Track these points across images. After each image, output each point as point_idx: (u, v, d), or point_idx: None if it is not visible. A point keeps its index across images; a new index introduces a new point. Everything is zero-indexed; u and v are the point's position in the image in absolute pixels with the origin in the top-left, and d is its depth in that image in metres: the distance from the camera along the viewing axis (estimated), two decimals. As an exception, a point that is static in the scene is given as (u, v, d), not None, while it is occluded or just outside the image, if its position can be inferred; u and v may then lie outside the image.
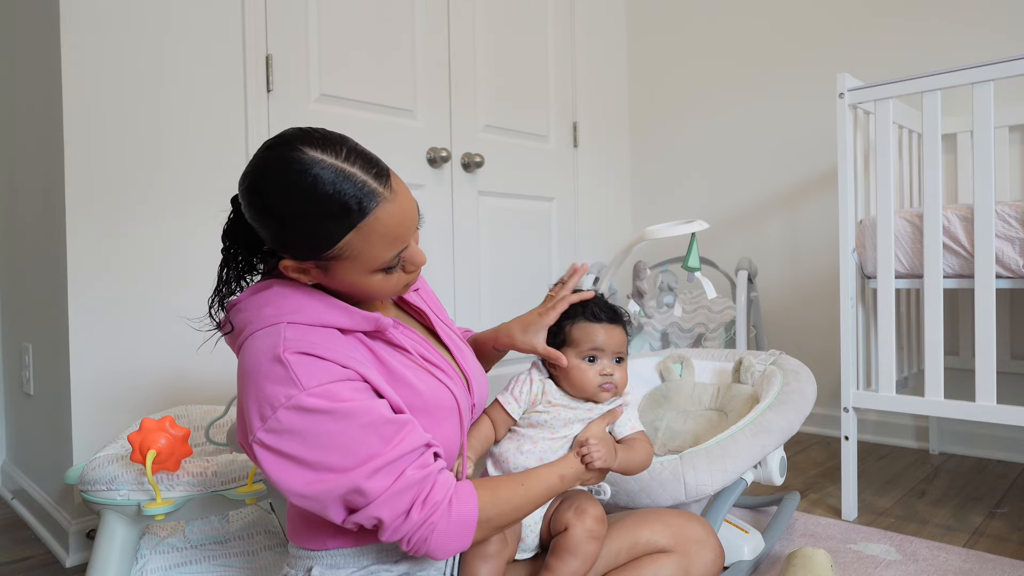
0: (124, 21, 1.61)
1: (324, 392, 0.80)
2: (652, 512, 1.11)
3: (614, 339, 1.07)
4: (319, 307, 0.88)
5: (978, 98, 1.50)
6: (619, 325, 1.09)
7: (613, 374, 1.05)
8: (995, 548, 1.51)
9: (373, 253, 0.85)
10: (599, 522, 0.99)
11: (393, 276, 0.89)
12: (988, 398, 1.51)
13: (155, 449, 1.14)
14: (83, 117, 1.55)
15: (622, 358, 1.08)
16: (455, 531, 0.85)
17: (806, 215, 2.56)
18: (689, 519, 1.09)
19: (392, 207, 0.84)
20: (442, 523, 0.84)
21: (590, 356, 1.06)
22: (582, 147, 2.79)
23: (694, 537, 1.06)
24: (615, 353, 1.07)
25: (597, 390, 1.05)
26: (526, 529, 1.02)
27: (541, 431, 1.04)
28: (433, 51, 2.25)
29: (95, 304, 1.57)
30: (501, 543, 0.97)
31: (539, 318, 1.07)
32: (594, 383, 1.05)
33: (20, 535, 1.73)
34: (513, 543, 1.00)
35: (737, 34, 2.72)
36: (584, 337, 1.06)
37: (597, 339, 1.06)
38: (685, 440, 1.58)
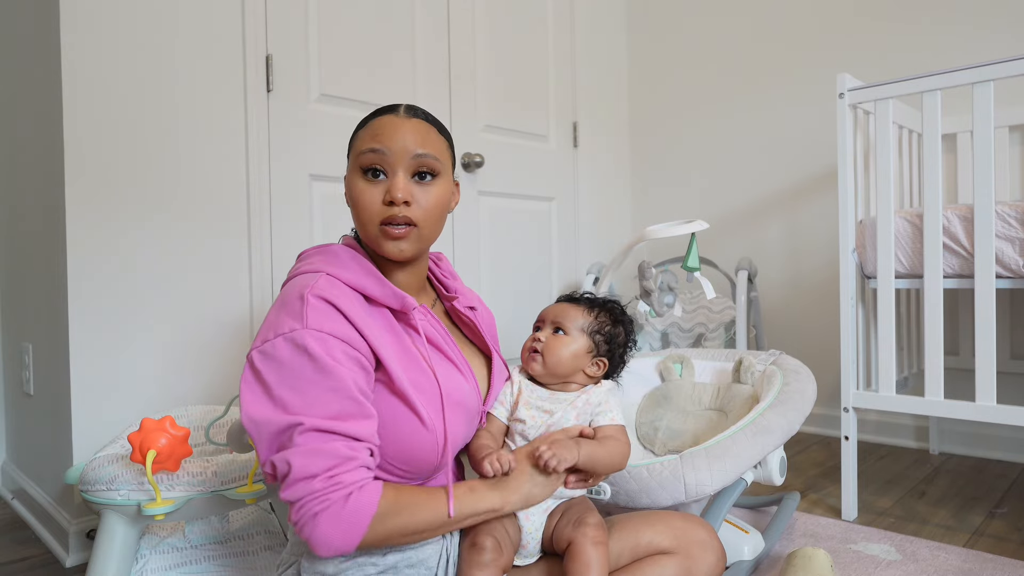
0: (124, 21, 1.61)
1: (322, 339, 0.85)
2: (654, 514, 1.10)
3: (557, 311, 1.11)
4: (359, 271, 0.96)
5: (978, 98, 1.50)
6: (575, 303, 1.13)
7: (541, 340, 1.08)
8: (995, 548, 1.51)
9: (359, 143, 0.97)
10: (599, 528, 0.98)
11: (371, 188, 0.95)
12: (988, 398, 1.51)
13: (155, 449, 1.14)
14: (83, 117, 1.55)
15: (562, 329, 1.09)
16: (346, 518, 0.82)
17: (806, 215, 2.56)
18: (691, 521, 1.08)
19: (394, 119, 0.97)
20: (336, 505, 0.82)
21: (535, 326, 1.13)
22: (582, 147, 2.79)
23: (696, 539, 1.05)
24: (554, 323, 1.10)
25: (525, 357, 1.09)
26: (527, 536, 1.01)
27: (523, 443, 1.03)
28: (433, 51, 2.25)
29: (95, 304, 1.57)
30: (496, 551, 0.94)
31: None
32: (525, 348, 1.10)
33: (20, 535, 1.73)
34: (509, 551, 0.97)
35: (737, 34, 2.72)
36: (545, 316, 1.13)
37: (546, 313, 1.12)
38: (685, 440, 1.58)
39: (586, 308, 1.11)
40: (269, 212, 1.85)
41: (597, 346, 1.10)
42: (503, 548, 0.96)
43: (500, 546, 0.95)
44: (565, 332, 1.08)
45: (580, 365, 1.09)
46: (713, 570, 1.05)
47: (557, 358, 1.07)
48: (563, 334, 1.08)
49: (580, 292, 1.17)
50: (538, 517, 1.02)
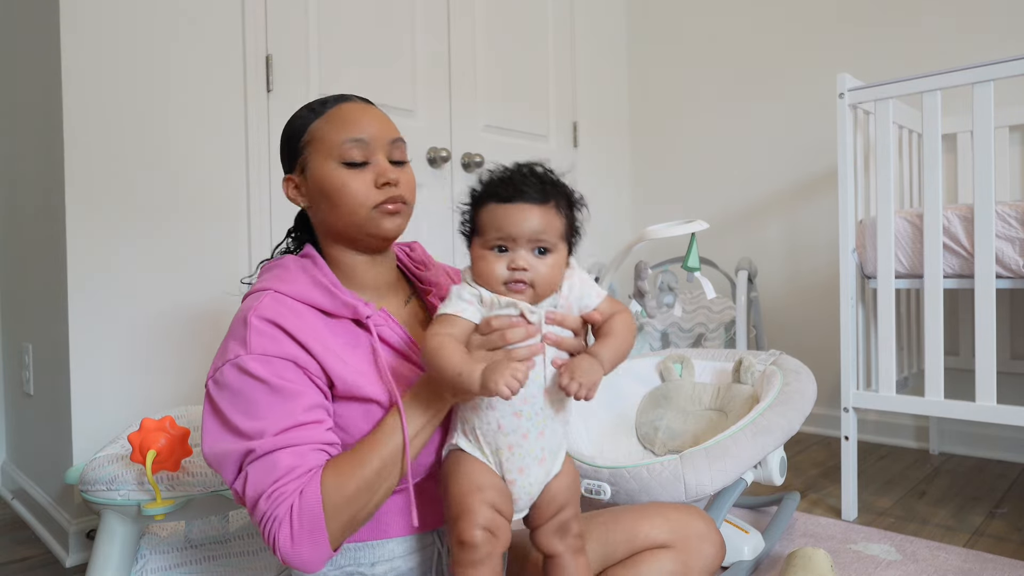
0: (124, 21, 1.61)
1: (266, 361, 0.85)
2: (652, 506, 1.08)
3: (532, 223, 0.85)
4: (307, 284, 0.93)
5: (978, 98, 1.50)
6: (542, 204, 0.87)
7: (526, 268, 0.85)
8: (995, 548, 1.51)
9: (332, 136, 0.93)
10: (581, 537, 0.92)
11: (358, 175, 0.93)
12: (988, 398, 1.51)
13: (155, 449, 1.14)
14: (83, 117, 1.55)
15: (545, 247, 0.86)
16: (303, 526, 0.80)
17: (806, 215, 2.55)
18: (689, 512, 1.06)
19: (357, 105, 0.96)
20: (284, 520, 0.80)
21: (498, 246, 0.86)
22: (582, 147, 2.79)
23: (694, 531, 1.02)
24: (535, 241, 0.86)
25: (504, 288, 0.86)
26: (519, 491, 0.88)
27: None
28: (433, 51, 2.25)
29: (95, 304, 1.57)
30: (490, 542, 0.84)
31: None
32: (498, 278, 0.85)
33: (20, 535, 1.73)
34: (505, 532, 0.86)
35: (737, 34, 2.72)
36: (490, 222, 0.86)
37: (504, 224, 0.85)
38: (685, 440, 1.58)
39: (554, 207, 0.88)
40: (269, 212, 1.85)
41: (571, 248, 0.93)
42: (498, 532, 0.85)
43: (494, 531, 0.84)
44: (549, 250, 0.87)
45: (561, 279, 0.91)
46: (711, 562, 1.02)
47: (551, 283, 0.88)
48: (548, 254, 0.87)
49: (516, 170, 0.90)
50: (535, 472, 0.89)
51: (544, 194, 0.88)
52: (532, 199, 0.87)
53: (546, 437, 0.89)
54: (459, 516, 0.84)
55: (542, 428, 0.88)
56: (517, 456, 0.87)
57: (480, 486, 0.85)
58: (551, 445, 0.90)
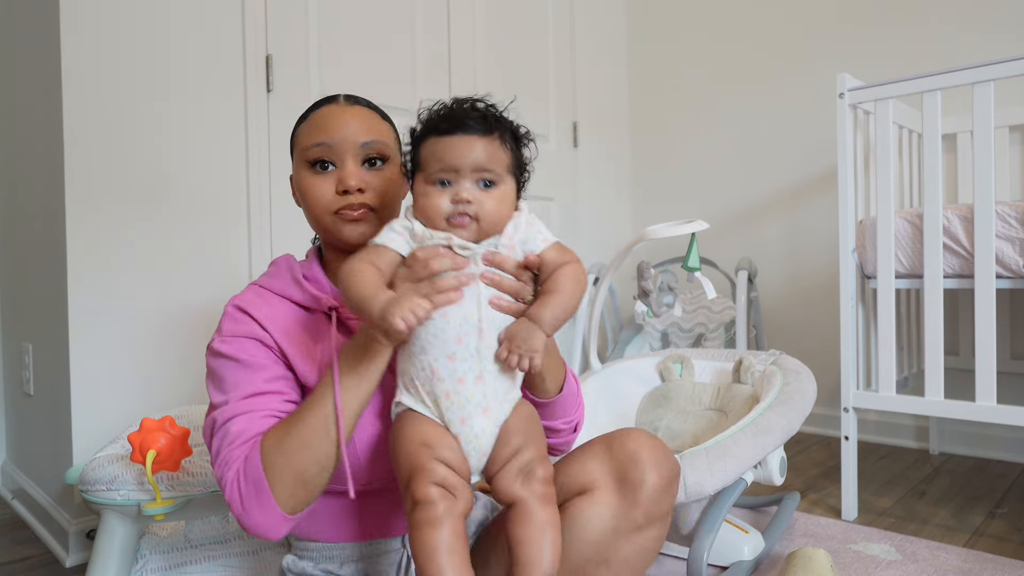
0: (124, 21, 1.61)
1: (232, 341, 0.90)
2: (573, 451, 0.93)
3: (475, 153, 0.81)
4: (287, 279, 0.97)
5: (978, 98, 1.50)
6: (486, 135, 0.83)
7: (470, 200, 0.80)
8: (995, 548, 1.51)
9: (304, 139, 0.95)
10: (549, 483, 0.82)
11: (322, 180, 0.93)
12: (988, 398, 1.51)
13: (155, 449, 1.14)
14: (83, 117, 1.55)
15: (490, 180, 0.82)
16: (252, 489, 0.80)
17: (806, 215, 2.55)
18: (610, 441, 0.89)
19: (334, 108, 0.96)
20: (232, 484, 0.81)
21: (441, 179, 0.82)
22: (582, 147, 2.79)
23: (616, 462, 0.87)
24: (479, 172, 0.82)
25: (447, 224, 0.81)
26: (467, 445, 0.81)
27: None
28: (433, 51, 2.25)
29: (95, 304, 1.57)
30: (447, 498, 0.77)
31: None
32: (441, 212, 0.81)
33: (20, 535, 1.73)
34: (464, 491, 0.79)
35: (737, 34, 2.72)
36: (432, 156, 0.83)
37: (446, 156, 0.81)
38: (685, 440, 1.58)
39: (498, 139, 0.84)
40: (269, 212, 1.85)
41: (519, 184, 0.88)
42: (455, 490, 0.78)
43: (450, 490, 0.78)
44: (495, 183, 0.83)
45: (511, 214, 0.86)
46: (654, 490, 0.86)
47: (497, 218, 0.82)
48: (493, 186, 0.83)
49: (457, 103, 0.86)
50: (479, 421, 0.81)
51: (487, 126, 0.83)
52: (475, 130, 0.82)
53: (486, 382, 0.81)
54: (411, 476, 0.78)
55: (479, 372, 0.81)
56: (456, 404, 0.80)
57: (428, 443, 0.79)
58: (494, 391, 0.82)
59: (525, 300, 0.83)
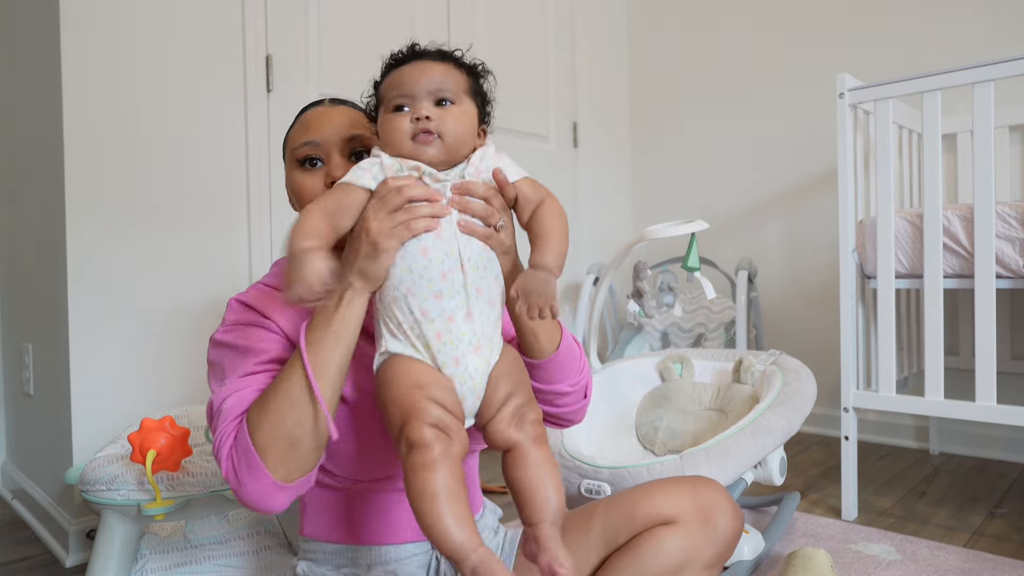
0: (124, 21, 1.61)
1: (231, 329, 0.90)
2: (654, 483, 0.97)
3: (427, 76, 0.82)
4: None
5: (978, 98, 1.50)
6: (440, 61, 0.85)
7: (429, 116, 0.80)
8: (995, 548, 1.51)
9: (293, 141, 0.96)
10: (540, 424, 0.82)
11: (311, 177, 0.94)
12: (988, 398, 1.51)
13: (155, 449, 1.14)
14: (83, 117, 1.55)
15: (448, 99, 0.82)
16: (243, 460, 0.78)
17: (806, 215, 2.56)
18: (695, 483, 0.95)
19: (320, 110, 0.97)
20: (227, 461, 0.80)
21: (398, 105, 0.83)
22: (582, 147, 2.79)
23: (701, 503, 0.92)
24: (435, 93, 0.82)
25: (412, 144, 0.81)
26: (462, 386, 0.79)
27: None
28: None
29: (95, 304, 1.57)
30: (443, 440, 0.75)
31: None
32: (403, 133, 0.81)
33: (20, 535, 1.73)
34: (459, 431, 0.77)
35: (737, 34, 2.72)
36: (389, 86, 0.85)
37: (401, 81, 0.83)
38: (685, 440, 1.58)
39: (453, 64, 0.86)
40: (269, 212, 1.85)
41: (480, 109, 0.87)
42: (450, 431, 0.76)
43: (445, 431, 0.75)
44: (453, 102, 0.83)
45: (474, 138, 0.85)
46: (726, 533, 0.92)
47: (460, 134, 0.82)
48: (452, 104, 0.83)
49: (414, 46, 0.87)
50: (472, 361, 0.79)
51: (442, 55, 0.86)
52: (429, 57, 0.85)
53: (475, 319, 0.80)
54: (405, 419, 0.75)
55: (468, 308, 0.79)
56: (448, 344, 0.78)
57: (420, 383, 0.77)
58: (483, 329, 0.80)
59: (494, 225, 0.82)
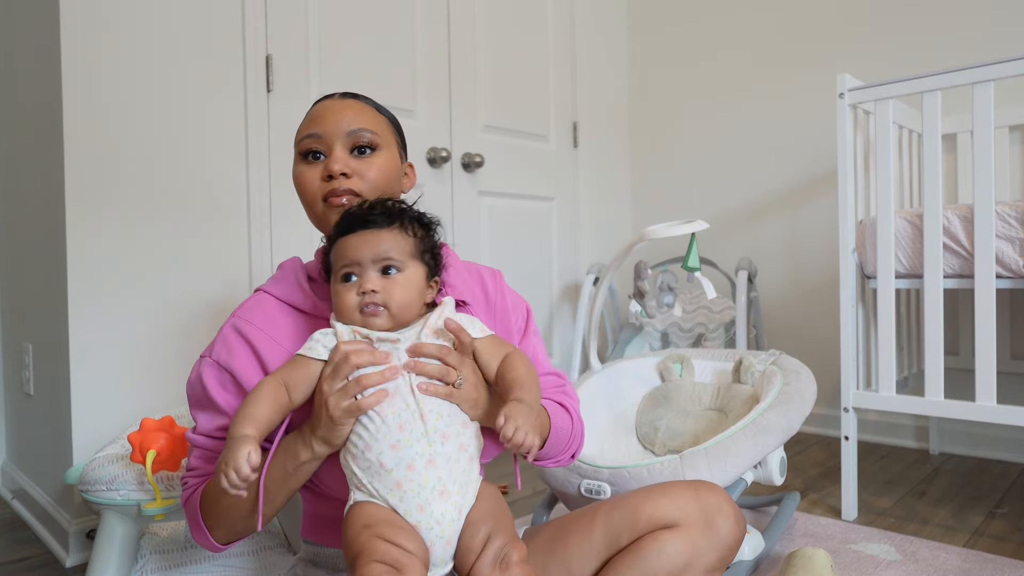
0: (124, 21, 1.61)
1: (215, 368, 0.90)
2: (657, 486, 0.98)
3: (373, 244, 0.84)
4: (292, 283, 0.96)
5: (978, 98, 1.50)
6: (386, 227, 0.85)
7: (375, 289, 0.82)
8: (995, 548, 1.51)
9: (299, 134, 0.97)
10: (523, 564, 0.80)
11: (311, 169, 0.95)
12: (988, 398, 1.51)
13: (155, 449, 1.14)
14: (83, 117, 1.55)
15: (394, 267, 0.84)
16: (193, 521, 0.90)
17: (806, 215, 2.56)
18: (698, 488, 0.96)
19: (328, 103, 0.97)
20: (186, 507, 0.91)
21: (345, 275, 0.85)
22: (582, 147, 2.79)
23: (703, 506, 0.93)
24: (380, 262, 0.84)
25: (360, 316, 0.83)
26: (429, 533, 0.79)
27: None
28: (433, 51, 2.25)
29: (95, 304, 1.57)
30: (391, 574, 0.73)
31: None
32: (351, 306, 0.83)
33: (20, 535, 1.73)
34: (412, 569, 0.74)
35: (737, 34, 2.72)
36: (336, 256, 0.86)
37: (346, 251, 0.84)
38: (685, 440, 1.58)
39: (399, 228, 0.86)
40: (269, 212, 1.85)
41: (429, 267, 0.89)
42: (402, 567, 0.74)
43: (396, 566, 0.74)
44: (399, 269, 0.84)
45: (422, 298, 0.88)
46: (728, 538, 0.93)
47: (406, 303, 0.84)
48: (398, 272, 0.84)
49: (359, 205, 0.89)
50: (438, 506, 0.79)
51: (388, 217, 0.86)
52: (374, 224, 0.86)
53: (438, 466, 0.79)
54: (354, 559, 0.75)
55: (430, 456, 0.79)
56: (409, 492, 0.78)
57: (368, 523, 0.77)
58: (450, 474, 0.80)
59: (452, 383, 0.83)
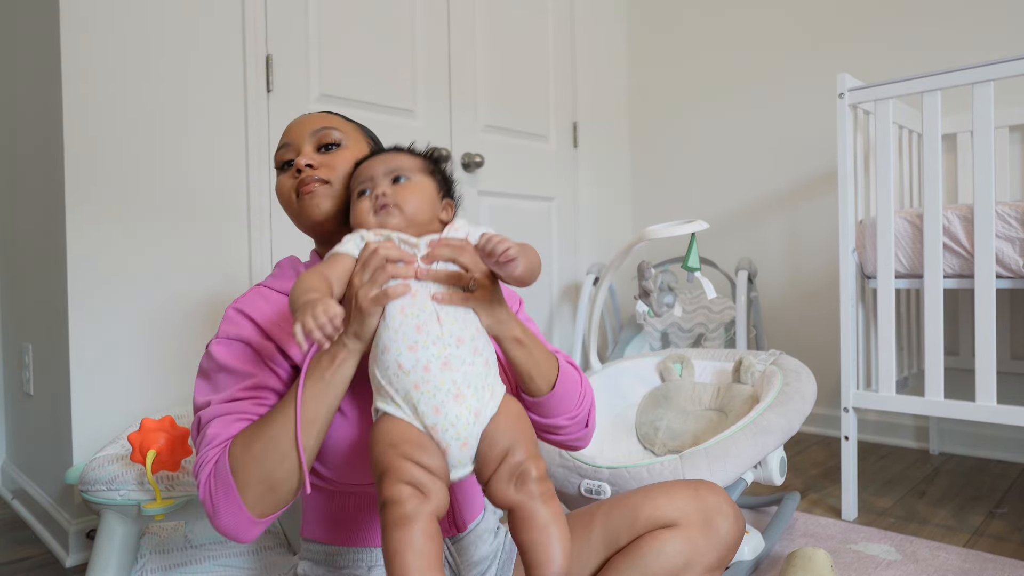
0: (124, 21, 1.61)
1: (226, 343, 0.91)
2: (657, 486, 0.98)
3: (384, 163, 0.93)
4: (292, 279, 0.98)
5: (978, 98, 1.50)
6: (397, 152, 0.96)
7: (385, 193, 0.90)
8: (995, 548, 1.51)
9: (276, 149, 1.02)
10: (545, 481, 0.79)
11: (286, 176, 0.99)
12: (988, 398, 1.51)
13: (155, 449, 1.14)
14: (83, 117, 1.55)
15: (404, 176, 0.92)
16: (221, 491, 0.81)
17: (806, 215, 2.56)
18: (697, 488, 0.97)
19: (298, 118, 1.02)
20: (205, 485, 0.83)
21: (361, 191, 0.93)
22: (582, 147, 2.79)
23: (703, 506, 0.94)
24: (390, 173, 0.92)
25: (375, 218, 0.90)
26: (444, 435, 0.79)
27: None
28: (433, 51, 2.25)
29: (95, 304, 1.57)
30: (417, 497, 0.75)
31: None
32: (367, 212, 0.90)
33: (20, 535, 1.73)
34: (438, 490, 0.77)
35: (737, 34, 2.72)
36: (353, 180, 0.96)
37: (363, 172, 0.94)
38: (685, 440, 1.58)
39: (408, 152, 0.97)
40: (269, 212, 1.85)
41: (439, 186, 0.96)
42: (427, 490, 0.76)
43: (420, 489, 0.75)
44: (408, 178, 0.92)
45: (435, 211, 0.94)
46: (727, 537, 0.93)
47: (416, 204, 0.91)
48: (407, 180, 0.92)
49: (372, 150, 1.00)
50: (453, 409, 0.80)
51: (396, 148, 0.97)
52: (388, 150, 0.97)
53: (453, 368, 0.80)
54: (381, 476, 0.77)
55: (445, 358, 0.80)
56: (426, 394, 0.79)
57: (394, 442, 0.78)
58: (463, 378, 0.81)
59: (467, 285, 0.84)
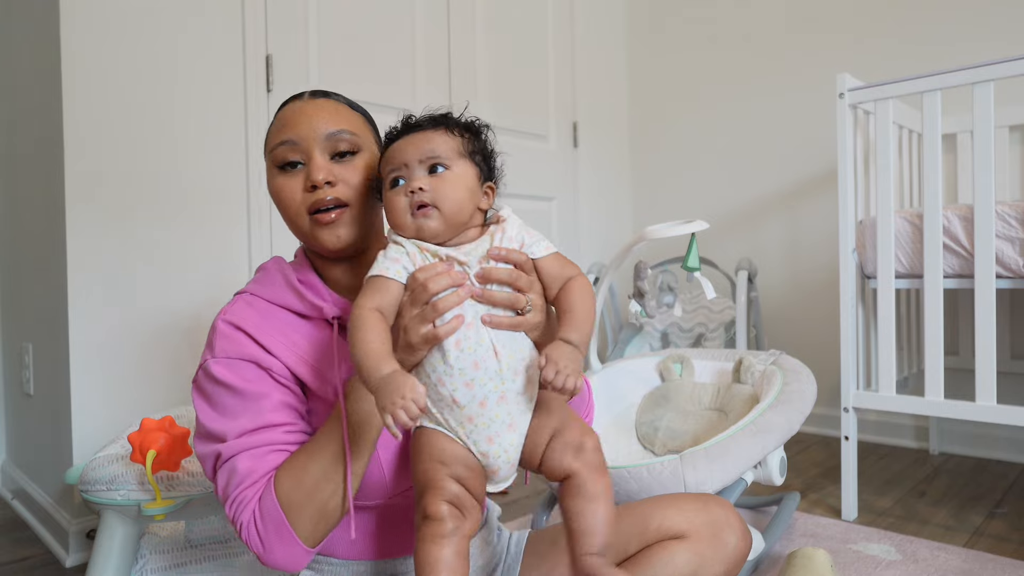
0: (124, 21, 1.61)
1: (229, 364, 0.85)
2: (666, 497, 1.02)
3: (416, 145, 0.82)
4: (282, 285, 0.92)
5: (978, 98, 1.50)
6: (431, 129, 0.84)
7: (422, 188, 0.80)
8: (995, 548, 1.51)
9: (270, 141, 0.91)
10: (599, 452, 0.82)
11: (291, 180, 0.89)
12: (988, 398, 1.51)
13: (155, 449, 1.14)
14: (83, 117, 1.55)
15: (441, 164, 0.82)
16: (269, 530, 0.81)
17: (806, 215, 2.56)
18: (707, 501, 0.99)
19: (299, 104, 0.91)
20: (250, 525, 0.82)
21: (394, 180, 0.83)
22: (582, 147, 2.79)
23: (712, 519, 0.95)
24: (427, 161, 0.82)
25: (412, 220, 0.81)
26: (494, 461, 0.81)
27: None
28: (433, 51, 2.25)
29: (95, 304, 1.57)
30: (456, 518, 0.78)
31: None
32: (402, 210, 0.81)
33: (20, 535, 1.73)
34: (474, 512, 0.80)
35: (737, 34, 2.72)
36: (384, 163, 0.85)
37: (394, 155, 0.83)
38: (685, 440, 1.58)
39: (444, 129, 0.85)
40: (269, 212, 1.85)
41: (480, 169, 0.86)
42: (465, 510, 0.79)
43: (460, 509, 0.78)
44: (447, 167, 0.82)
45: (476, 201, 0.84)
46: (735, 551, 0.95)
47: (457, 202, 0.81)
48: (445, 170, 0.82)
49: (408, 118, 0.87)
50: (506, 437, 0.80)
51: (433, 122, 0.85)
52: (420, 128, 0.84)
53: (508, 401, 0.80)
54: (424, 490, 0.79)
55: (502, 392, 0.79)
56: (481, 426, 0.79)
57: (444, 460, 0.79)
58: (516, 408, 0.81)
59: (521, 310, 0.81)
